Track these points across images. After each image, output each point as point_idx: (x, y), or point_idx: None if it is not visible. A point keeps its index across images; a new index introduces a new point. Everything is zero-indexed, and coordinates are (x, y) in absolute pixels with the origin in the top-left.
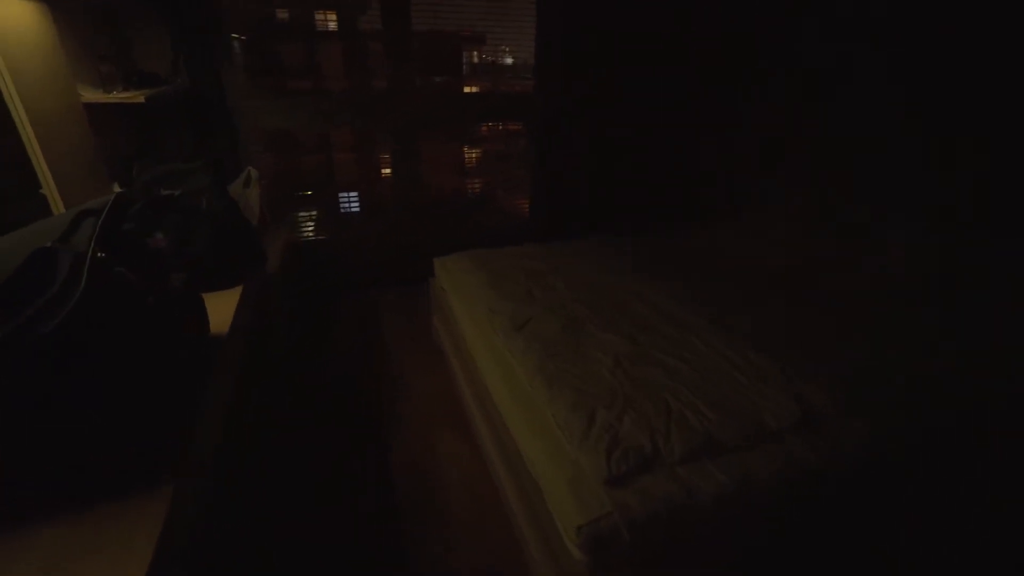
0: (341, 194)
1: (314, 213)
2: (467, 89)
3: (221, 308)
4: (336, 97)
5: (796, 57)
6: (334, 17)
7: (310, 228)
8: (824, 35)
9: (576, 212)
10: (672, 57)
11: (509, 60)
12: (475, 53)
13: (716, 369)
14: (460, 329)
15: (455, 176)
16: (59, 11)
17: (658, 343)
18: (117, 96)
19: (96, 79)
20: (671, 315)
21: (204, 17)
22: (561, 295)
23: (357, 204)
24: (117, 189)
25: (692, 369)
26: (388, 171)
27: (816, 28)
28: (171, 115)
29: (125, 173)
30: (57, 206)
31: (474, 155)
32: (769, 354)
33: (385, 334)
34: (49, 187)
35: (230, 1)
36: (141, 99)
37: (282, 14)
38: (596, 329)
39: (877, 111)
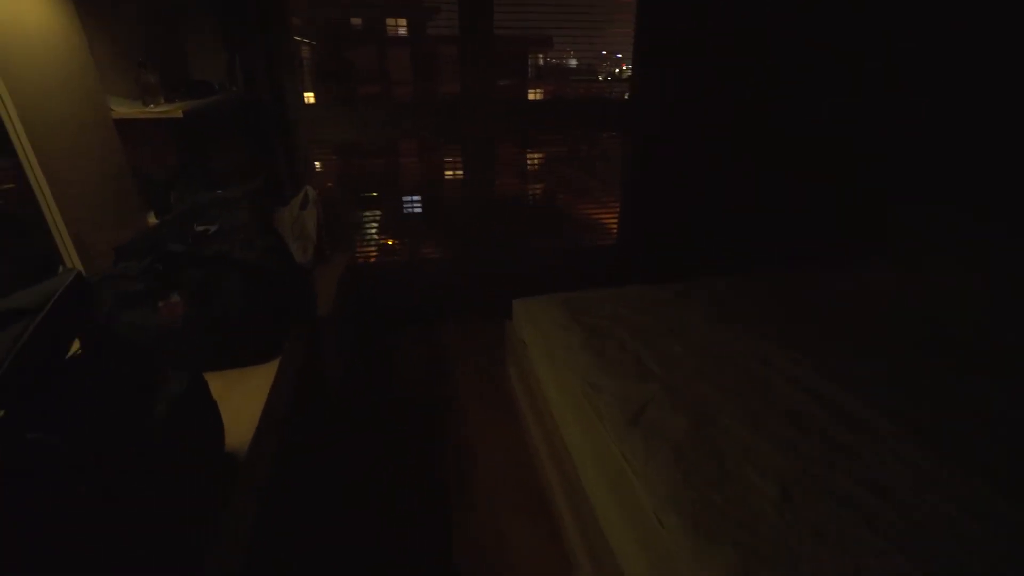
0: (405, 198)
1: (375, 225)
2: (532, 96)
3: (250, 389)
4: (406, 105)
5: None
6: (404, 23)
7: (372, 247)
8: None
9: (679, 240)
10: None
11: (573, 62)
12: (540, 56)
13: (935, 515)
14: (545, 397)
15: (520, 180)
16: (91, 13)
17: (833, 457)
18: (151, 111)
19: (135, 90)
20: (836, 406)
21: (267, 20)
22: (681, 367)
23: (420, 207)
24: (153, 220)
25: (897, 513)
26: (451, 174)
27: None
28: (223, 129)
29: (163, 200)
30: (68, 251)
31: (537, 159)
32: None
33: (451, 381)
34: (56, 224)
35: (297, 3)
36: (179, 113)
37: (349, 19)
38: (738, 426)
39: None
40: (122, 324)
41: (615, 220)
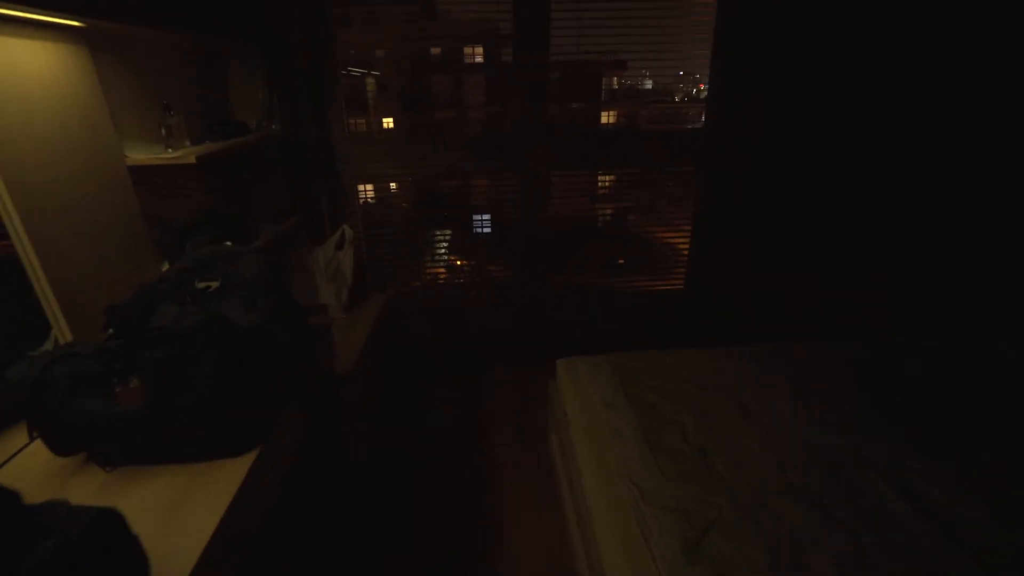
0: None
1: (434, 252)
2: (605, 119)
3: (216, 493)
4: (457, 137)
5: None
6: (480, 50)
7: (419, 279)
8: None
9: (754, 293)
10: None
11: (648, 84)
12: (615, 79)
13: None
14: (585, 494)
15: (586, 203)
16: (107, 54)
17: None
18: (163, 157)
19: (158, 133)
20: (978, 550)
21: (313, 53)
22: (757, 469)
23: (488, 225)
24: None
25: None
26: (507, 202)
27: None
28: (259, 168)
29: (180, 250)
30: (55, 314)
31: (608, 181)
32: None
33: (489, 445)
34: (41, 285)
35: (345, 38)
36: (192, 159)
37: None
38: (835, 571)
39: None
40: (75, 412)
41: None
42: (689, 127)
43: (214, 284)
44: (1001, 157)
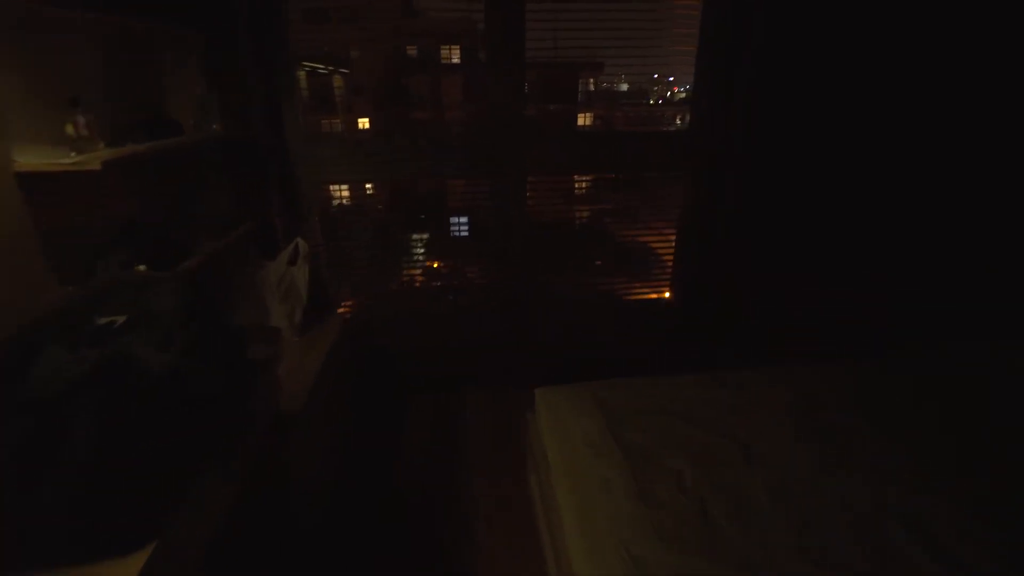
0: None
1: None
2: (582, 120)
3: None
4: (430, 139)
5: None
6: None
7: (383, 289)
8: None
9: (757, 291)
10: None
11: (624, 87)
12: (591, 80)
13: None
14: (569, 556)
15: (561, 206)
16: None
17: None
18: (60, 163)
19: (65, 133)
20: None
21: (264, 43)
22: (769, 528)
23: (465, 229)
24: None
25: None
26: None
27: None
28: (197, 174)
29: (89, 273)
30: None
31: (588, 183)
32: None
33: (466, 481)
34: None
35: (300, 25)
36: (97, 165)
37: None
38: None
39: None
40: None
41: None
42: (672, 129)
43: (120, 319)
44: (1001, 156)
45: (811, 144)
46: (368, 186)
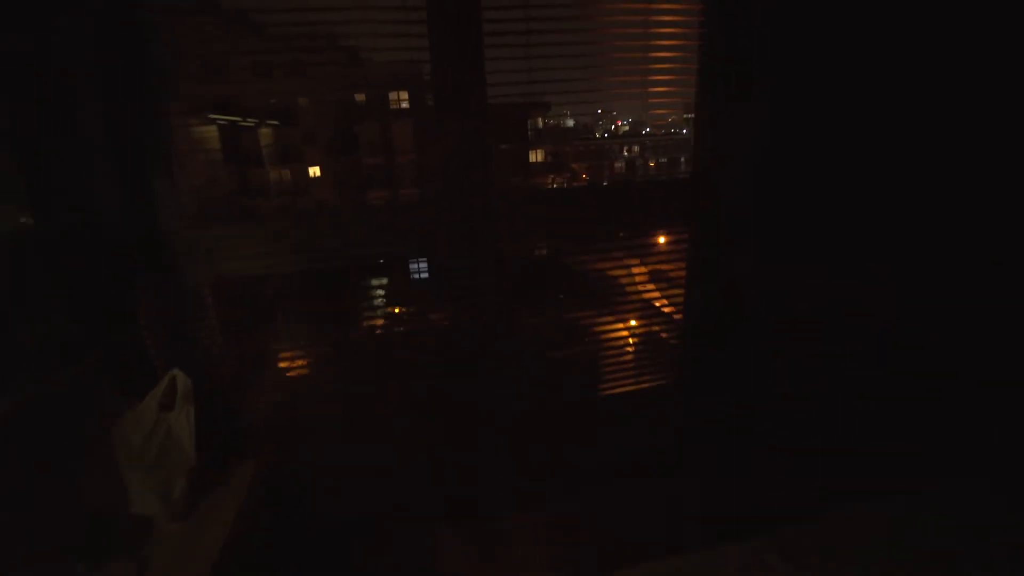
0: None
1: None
2: (533, 157)
3: None
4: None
5: None
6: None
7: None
8: None
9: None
10: None
11: (570, 123)
12: (540, 119)
13: None
14: None
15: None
16: None
17: None
18: None
19: None
20: None
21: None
22: None
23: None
24: None
25: None
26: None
27: None
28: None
29: None
30: None
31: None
32: None
33: None
34: None
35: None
36: None
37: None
38: None
39: None
40: None
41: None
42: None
43: None
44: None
45: (827, 152)
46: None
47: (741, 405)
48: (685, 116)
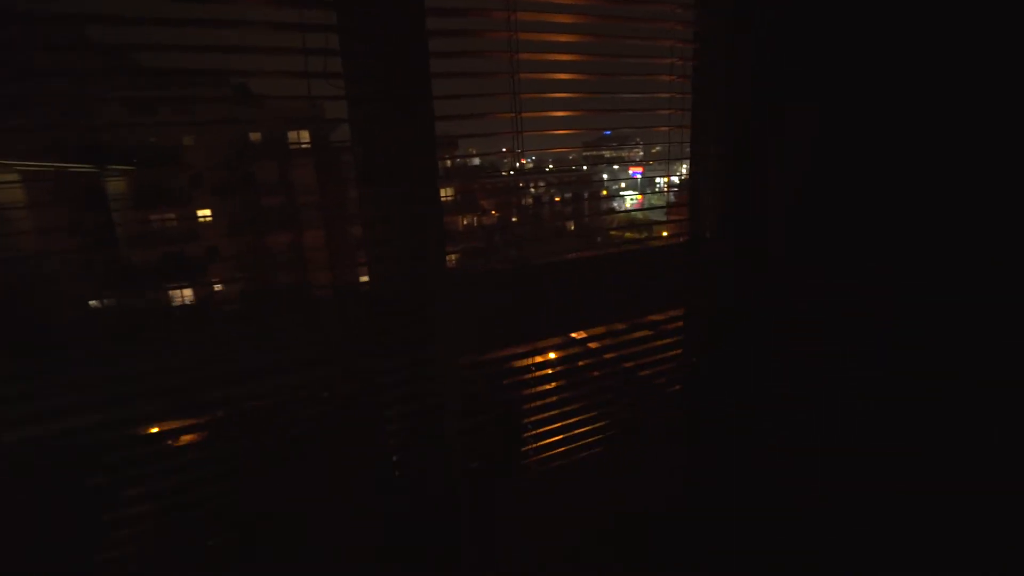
0: None
1: None
2: (443, 194)
3: None
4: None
5: None
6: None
7: None
8: None
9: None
10: None
11: (476, 161)
12: (448, 160)
13: None
14: None
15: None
16: None
17: None
18: None
19: None
20: None
21: None
22: None
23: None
24: None
25: None
26: None
27: None
28: None
29: None
30: None
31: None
32: None
33: None
34: None
35: None
36: None
37: None
38: None
39: None
40: None
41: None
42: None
43: None
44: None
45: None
46: None
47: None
48: (584, 153)
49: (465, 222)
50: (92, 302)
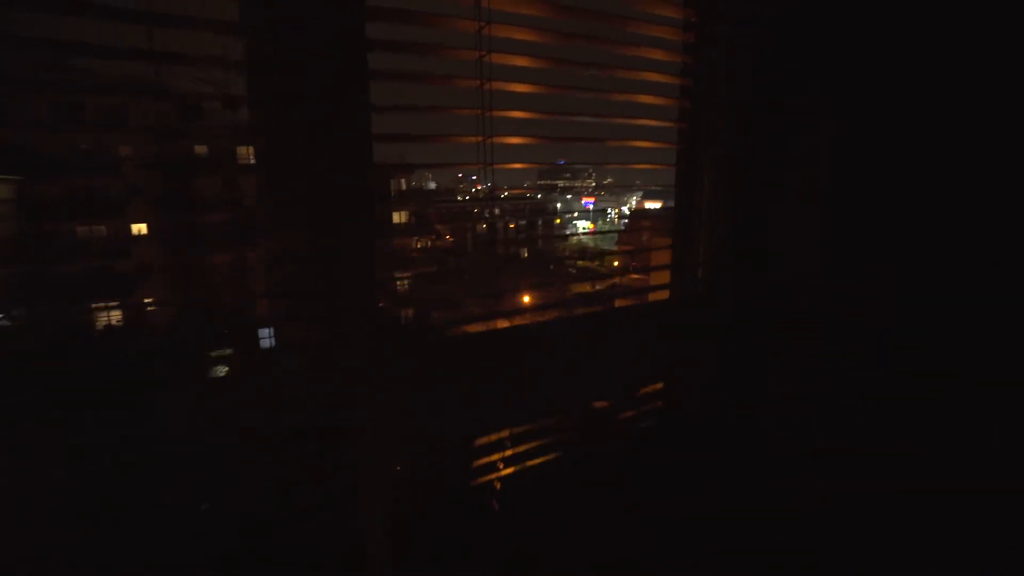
0: None
1: None
2: (397, 219)
3: None
4: None
5: None
6: None
7: None
8: None
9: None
10: None
11: (432, 185)
12: (403, 180)
13: None
14: None
15: None
16: None
17: None
18: None
19: None
20: None
21: None
22: None
23: None
24: None
25: None
26: None
27: None
28: None
29: None
30: None
31: None
32: None
33: None
34: None
35: None
36: None
37: None
38: None
39: None
40: None
41: None
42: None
43: None
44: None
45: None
46: None
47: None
48: (539, 181)
49: (419, 245)
50: None
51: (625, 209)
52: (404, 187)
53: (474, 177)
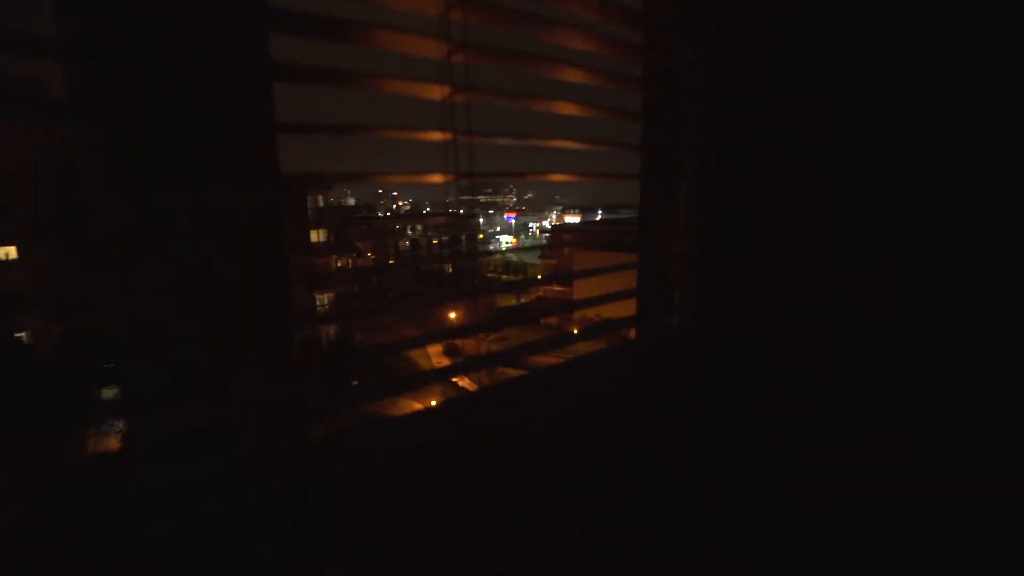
0: None
1: None
2: (315, 237)
3: None
4: None
5: None
6: None
7: None
8: None
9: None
10: None
11: (352, 201)
12: (320, 197)
13: None
14: None
15: None
16: None
17: None
18: None
19: None
20: None
21: None
22: None
23: None
24: None
25: None
26: None
27: None
28: None
29: None
30: None
31: None
32: None
33: None
34: None
35: None
36: None
37: None
38: None
39: None
40: None
41: None
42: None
43: None
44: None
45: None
46: None
47: None
48: (461, 197)
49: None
50: None
51: (546, 223)
52: (321, 203)
53: (395, 193)
